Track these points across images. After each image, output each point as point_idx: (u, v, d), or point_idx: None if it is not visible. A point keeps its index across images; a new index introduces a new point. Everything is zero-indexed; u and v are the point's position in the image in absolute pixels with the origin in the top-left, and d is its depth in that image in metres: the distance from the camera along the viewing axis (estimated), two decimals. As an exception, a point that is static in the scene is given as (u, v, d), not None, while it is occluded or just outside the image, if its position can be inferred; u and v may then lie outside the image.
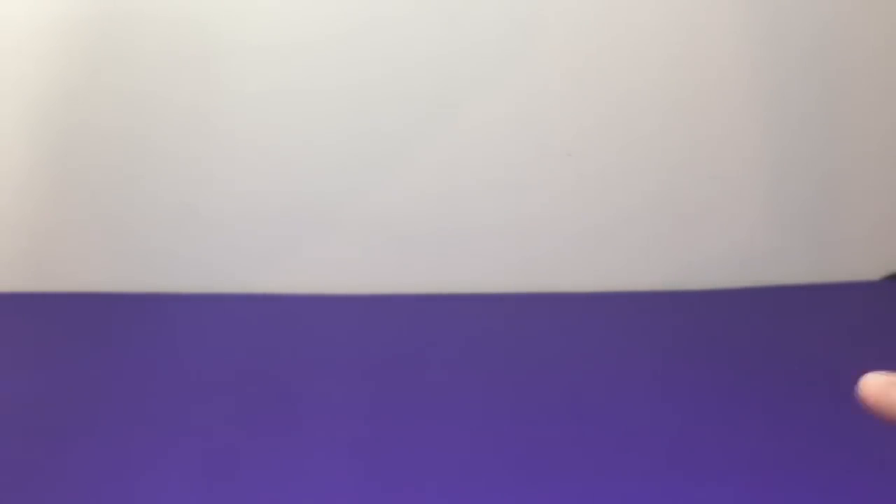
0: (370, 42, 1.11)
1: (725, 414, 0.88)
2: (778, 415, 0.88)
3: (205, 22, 1.09)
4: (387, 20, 1.11)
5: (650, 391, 0.92)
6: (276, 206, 1.15)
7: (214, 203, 1.15)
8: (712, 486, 0.76)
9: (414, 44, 1.12)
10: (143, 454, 0.79)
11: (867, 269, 1.24)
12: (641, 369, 0.97)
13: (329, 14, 1.10)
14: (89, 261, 1.15)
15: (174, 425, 0.84)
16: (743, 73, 1.16)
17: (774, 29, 1.16)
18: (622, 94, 1.15)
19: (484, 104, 1.14)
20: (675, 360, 0.99)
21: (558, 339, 1.05)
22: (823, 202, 1.23)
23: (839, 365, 0.98)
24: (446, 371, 0.96)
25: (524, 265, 1.19)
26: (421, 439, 0.83)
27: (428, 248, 1.18)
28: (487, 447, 0.81)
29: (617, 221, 1.19)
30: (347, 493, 0.75)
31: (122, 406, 0.88)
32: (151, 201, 1.14)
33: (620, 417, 0.87)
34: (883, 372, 0.26)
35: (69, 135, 1.12)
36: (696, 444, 0.82)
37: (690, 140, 1.18)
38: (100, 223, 1.15)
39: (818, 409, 0.88)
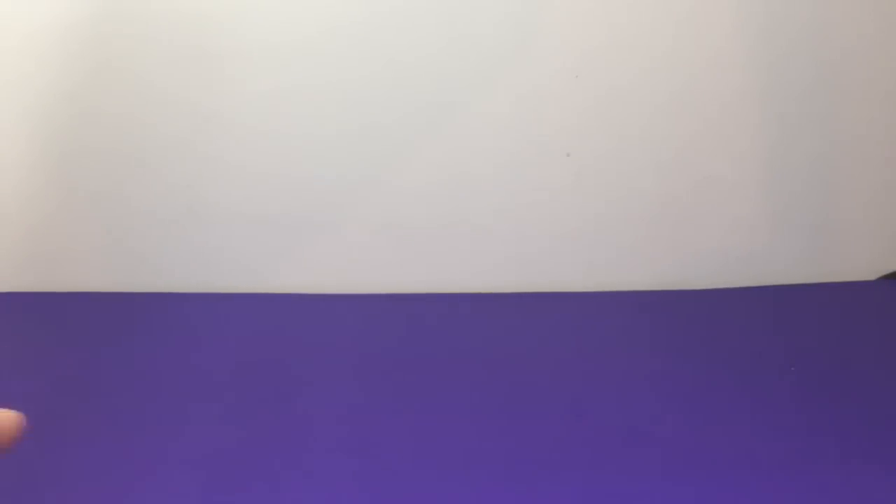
0: (371, 42, 1.11)
1: (722, 412, 0.88)
2: (775, 413, 0.88)
3: (206, 21, 1.09)
4: (387, 21, 1.11)
5: (648, 389, 0.93)
6: (276, 206, 1.16)
7: (215, 203, 1.15)
8: (710, 484, 0.76)
9: (414, 43, 1.12)
10: (144, 453, 0.79)
11: (863, 269, 1.25)
12: (639, 368, 0.97)
13: (330, 13, 1.10)
14: (89, 261, 1.15)
15: (174, 425, 0.84)
16: (741, 74, 1.17)
17: (772, 30, 1.16)
18: (621, 95, 1.16)
19: (483, 105, 1.14)
20: (671, 358, 1.00)
21: (557, 338, 1.06)
22: (820, 202, 1.23)
23: (835, 364, 0.99)
24: (446, 370, 0.96)
25: (524, 265, 1.20)
26: (421, 438, 0.83)
27: (428, 248, 1.18)
28: (487, 446, 0.82)
29: (615, 221, 1.20)
30: (348, 490, 0.75)
31: (122, 406, 0.88)
32: (152, 201, 1.14)
33: (619, 416, 0.87)
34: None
35: (70, 134, 1.12)
36: (694, 442, 0.83)
37: (688, 140, 1.18)
38: (100, 223, 1.15)
39: (814, 408, 0.89)
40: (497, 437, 0.83)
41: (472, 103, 1.15)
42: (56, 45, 1.08)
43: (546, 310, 1.13)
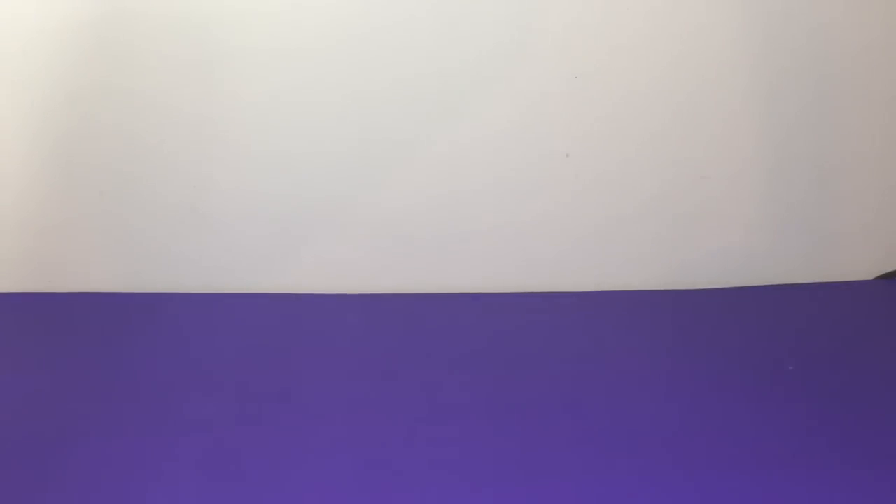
0: (371, 45, 1.12)
1: (721, 412, 0.88)
2: (773, 412, 0.88)
3: (207, 25, 1.09)
4: (387, 24, 1.11)
5: (648, 388, 0.93)
6: (278, 206, 1.16)
7: (216, 203, 1.15)
8: (710, 483, 0.76)
9: (414, 47, 1.12)
10: (144, 454, 0.79)
11: (861, 268, 1.25)
12: (639, 368, 0.98)
13: (331, 17, 1.11)
14: (90, 261, 1.15)
15: (175, 425, 0.84)
16: (739, 75, 1.17)
17: (770, 30, 1.16)
18: (620, 96, 1.16)
19: (483, 106, 1.15)
20: (671, 358, 1.00)
21: (557, 337, 1.06)
22: (817, 202, 1.24)
23: (833, 362, 0.99)
24: (447, 370, 0.97)
25: (524, 265, 1.20)
26: (421, 438, 0.83)
27: (428, 249, 1.18)
28: (487, 446, 0.82)
29: (615, 221, 1.20)
30: (349, 491, 0.75)
31: (122, 406, 0.88)
32: (153, 201, 1.15)
33: (620, 415, 0.87)
34: None
35: (71, 136, 1.12)
36: (694, 442, 0.83)
37: (687, 141, 1.19)
38: (101, 223, 1.15)
39: (813, 407, 0.89)
40: (497, 437, 0.83)
41: (471, 104, 1.15)
42: (59, 48, 1.08)
43: (545, 309, 1.14)
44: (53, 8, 1.07)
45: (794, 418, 0.87)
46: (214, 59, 1.10)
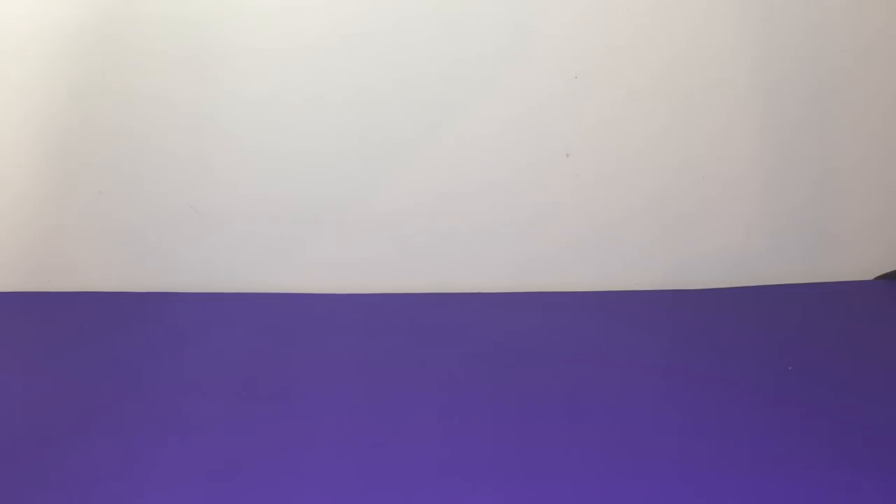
0: (371, 45, 1.12)
1: (722, 410, 0.88)
2: (774, 412, 0.88)
3: (208, 24, 1.09)
4: (387, 24, 1.11)
5: (648, 388, 0.93)
6: (278, 206, 1.16)
7: (216, 203, 1.15)
8: (710, 483, 0.76)
9: (414, 47, 1.12)
10: (144, 454, 0.80)
11: (861, 269, 1.25)
12: (639, 368, 0.98)
13: (331, 17, 1.11)
14: (90, 261, 1.15)
15: (174, 425, 0.85)
16: (739, 75, 1.17)
17: (770, 30, 1.16)
18: (620, 95, 1.16)
19: (483, 106, 1.15)
20: (671, 358, 1.00)
21: (557, 338, 1.06)
22: (818, 203, 1.24)
23: (833, 362, 0.99)
24: (446, 370, 0.97)
25: (524, 265, 1.20)
26: (421, 438, 0.83)
27: (428, 248, 1.18)
28: (487, 446, 0.82)
29: (615, 221, 1.20)
30: (349, 490, 0.75)
31: (122, 406, 0.88)
32: (153, 201, 1.15)
33: (620, 415, 0.88)
34: None
35: (71, 135, 1.12)
36: (693, 442, 0.83)
37: (687, 141, 1.19)
38: (101, 223, 1.15)
39: (812, 407, 0.89)
40: (497, 437, 0.83)
41: (471, 104, 1.15)
42: (59, 48, 1.08)
43: (546, 309, 1.14)
44: (53, 8, 1.07)
45: (793, 418, 0.87)
46: (215, 59, 1.10)
